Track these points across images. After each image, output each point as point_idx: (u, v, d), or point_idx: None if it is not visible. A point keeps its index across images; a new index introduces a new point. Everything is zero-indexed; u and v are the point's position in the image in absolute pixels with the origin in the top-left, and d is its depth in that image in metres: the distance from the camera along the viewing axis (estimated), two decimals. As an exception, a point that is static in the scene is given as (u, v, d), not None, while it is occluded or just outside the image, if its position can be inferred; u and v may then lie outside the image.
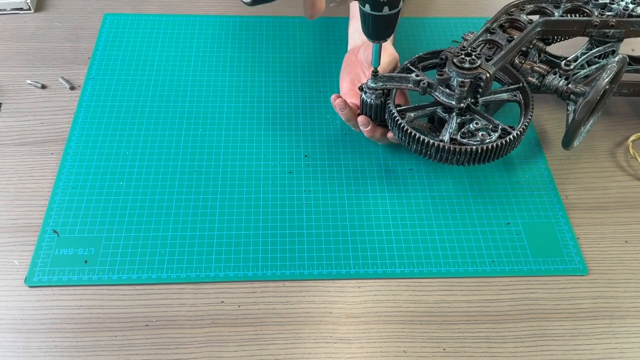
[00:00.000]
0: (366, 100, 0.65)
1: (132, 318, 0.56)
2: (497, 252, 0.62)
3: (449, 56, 0.61)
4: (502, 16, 0.70)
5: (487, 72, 0.60)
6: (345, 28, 0.83)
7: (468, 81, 0.60)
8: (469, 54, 0.61)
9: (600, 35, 0.69)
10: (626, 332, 0.57)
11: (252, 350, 0.55)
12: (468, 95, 0.61)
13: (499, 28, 0.69)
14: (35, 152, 0.69)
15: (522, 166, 0.70)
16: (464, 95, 0.61)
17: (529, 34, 0.66)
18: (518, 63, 0.68)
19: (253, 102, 0.76)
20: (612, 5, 0.70)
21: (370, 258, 0.61)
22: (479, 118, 0.63)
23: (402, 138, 0.64)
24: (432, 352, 0.55)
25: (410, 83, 0.64)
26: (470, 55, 0.61)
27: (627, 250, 0.63)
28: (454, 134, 0.62)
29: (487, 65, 0.61)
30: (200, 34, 0.84)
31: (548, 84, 0.66)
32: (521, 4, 0.72)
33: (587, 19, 0.68)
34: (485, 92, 0.62)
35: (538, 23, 0.67)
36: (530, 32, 0.66)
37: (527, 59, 0.69)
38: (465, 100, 0.62)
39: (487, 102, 0.66)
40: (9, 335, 0.55)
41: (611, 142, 0.74)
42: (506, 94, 0.67)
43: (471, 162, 0.62)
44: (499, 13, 0.70)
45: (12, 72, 0.78)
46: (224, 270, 0.60)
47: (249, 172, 0.68)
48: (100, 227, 0.62)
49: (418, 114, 0.66)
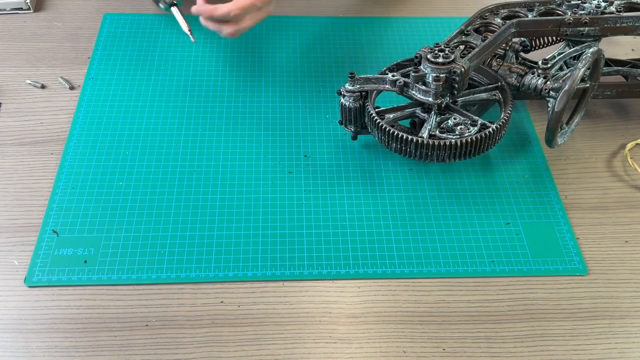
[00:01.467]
0: (345, 104, 0.65)
1: (132, 318, 0.56)
2: (496, 252, 0.62)
3: (422, 54, 0.62)
4: (477, 20, 0.71)
5: (462, 67, 0.61)
6: (345, 28, 0.83)
7: (443, 76, 0.61)
8: (442, 49, 0.62)
9: (576, 35, 0.70)
10: (626, 332, 0.57)
11: (251, 351, 0.55)
12: (444, 91, 0.62)
13: (474, 32, 0.70)
14: (35, 152, 0.69)
15: (522, 166, 0.70)
16: (439, 90, 0.61)
17: (503, 34, 0.67)
18: (496, 65, 0.69)
19: (253, 102, 0.76)
20: (584, 4, 0.71)
21: (370, 258, 0.61)
22: (457, 115, 0.64)
23: (381, 138, 0.65)
24: (432, 352, 0.55)
25: (387, 84, 0.64)
26: (443, 51, 0.62)
27: (627, 250, 0.63)
28: (432, 130, 0.63)
29: (461, 61, 0.62)
30: (200, 34, 0.84)
31: (527, 84, 0.66)
32: (495, 8, 0.72)
33: (560, 17, 0.69)
34: (461, 88, 0.62)
35: (512, 24, 0.68)
36: (504, 32, 0.67)
37: (504, 61, 0.69)
38: (442, 97, 0.62)
39: (466, 102, 0.67)
40: (9, 336, 0.55)
41: (611, 142, 0.74)
42: (485, 93, 0.68)
43: (452, 158, 0.63)
44: (473, 17, 0.71)
45: (12, 72, 0.78)
46: (224, 270, 0.60)
47: (249, 172, 0.68)
48: (100, 227, 0.62)
49: (397, 115, 0.66)
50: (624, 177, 0.70)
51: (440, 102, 0.62)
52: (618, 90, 0.73)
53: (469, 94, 0.67)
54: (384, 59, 0.82)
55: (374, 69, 0.80)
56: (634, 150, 0.73)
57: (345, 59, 0.82)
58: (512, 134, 0.74)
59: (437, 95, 0.62)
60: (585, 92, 0.69)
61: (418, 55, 0.63)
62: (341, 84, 0.77)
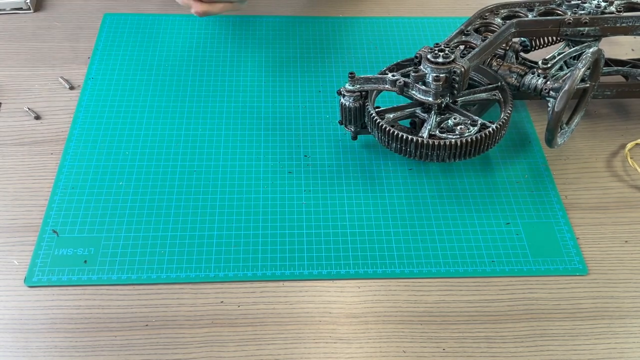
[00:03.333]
0: (345, 104, 0.65)
1: (132, 318, 0.56)
2: (496, 252, 0.62)
3: (422, 54, 0.62)
4: (477, 20, 0.71)
5: (462, 67, 0.61)
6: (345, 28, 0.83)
7: (443, 76, 0.61)
8: (442, 49, 0.62)
9: (576, 35, 0.70)
10: (626, 332, 0.57)
11: (251, 350, 0.55)
12: (444, 91, 0.62)
13: (474, 32, 0.70)
14: (35, 152, 0.69)
15: (522, 166, 0.70)
16: (439, 90, 0.61)
17: (503, 34, 0.67)
18: (496, 65, 0.69)
19: (253, 102, 0.76)
20: (584, 4, 0.71)
21: (369, 258, 0.61)
22: (457, 115, 0.64)
23: (381, 138, 0.65)
24: (432, 352, 0.55)
25: (387, 84, 0.64)
26: (443, 50, 0.62)
27: (627, 250, 0.63)
28: (432, 130, 0.63)
29: (461, 61, 0.62)
30: (200, 34, 0.84)
31: (527, 84, 0.66)
32: (495, 8, 0.73)
33: (560, 17, 0.69)
34: (461, 88, 0.62)
35: (512, 24, 0.68)
36: (504, 32, 0.67)
37: (504, 61, 0.69)
38: (442, 97, 0.62)
39: (466, 102, 0.67)
40: (9, 336, 0.55)
41: (611, 142, 0.74)
42: (485, 93, 0.68)
43: (452, 158, 0.63)
44: (473, 17, 0.71)
45: (11, 72, 0.78)
46: (224, 270, 0.60)
47: (249, 172, 0.68)
48: (100, 227, 0.62)
49: (397, 115, 0.66)
50: (624, 177, 0.70)
51: (440, 102, 0.62)
52: (618, 90, 0.73)
53: (469, 94, 0.67)
54: (384, 59, 0.82)
55: (374, 69, 0.80)
56: (634, 150, 0.73)
57: (345, 59, 0.82)
58: (512, 134, 0.74)
59: (437, 95, 0.62)
60: (585, 92, 0.69)
61: (418, 55, 0.63)
62: (341, 84, 0.77)
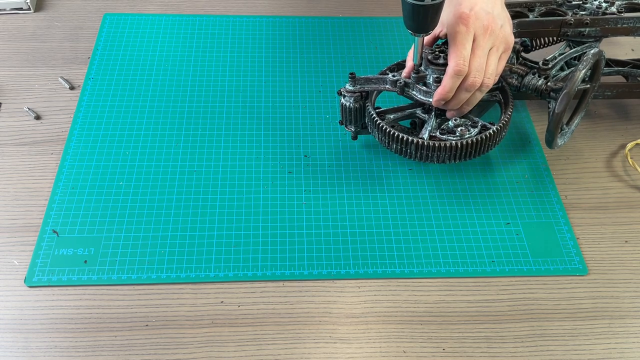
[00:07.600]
0: (345, 105, 0.65)
1: (132, 318, 0.56)
2: (496, 252, 0.62)
3: (424, 55, 0.62)
4: None
5: None
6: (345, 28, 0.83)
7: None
8: (443, 50, 0.62)
9: (577, 35, 0.70)
10: (626, 332, 0.57)
11: (251, 350, 0.55)
12: None
13: None
14: (35, 152, 0.69)
15: (522, 166, 0.70)
16: None
17: None
18: None
19: (253, 102, 0.76)
20: (585, 5, 0.71)
21: (369, 258, 0.61)
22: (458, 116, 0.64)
23: (382, 139, 0.65)
24: (432, 352, 0.55)
25: (387, 84, 0.64)
26: (444, 52, 0.62)
27: (627, 250, 0.63)
28: (433, 131, 0.63)
29: None
30: (200, 34, 0.84)
31: (527, 84, 0.66)
32: None
33: (562, 18, 0.69)
34: None
35: (513, 24, 0.67)
36: None
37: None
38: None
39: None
40: (9, 335, 0.55)
41: (611, 142, 0.74)
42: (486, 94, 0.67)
43: (452, 159, 0.63)
44: None
45: (12, 72, 0.78)
46: (224, 270, 0.60)
47: (249, 172, 0.68)
48: (100, 227, 0.62)
49: (397, 116, 0.66)
50: (624, 177, 0.70)
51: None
52: (618, 91, 0.73)
53: None
54: (384, 59, 0.82)
55: (374, 69, 0.80)
56: (634, 150, 0.73)
57: (345, 59, 0.82)
58: (512, 134, 0.74)
59: None
60: (585, 93, 0.69)
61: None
62: (341, 84, 0.77)
